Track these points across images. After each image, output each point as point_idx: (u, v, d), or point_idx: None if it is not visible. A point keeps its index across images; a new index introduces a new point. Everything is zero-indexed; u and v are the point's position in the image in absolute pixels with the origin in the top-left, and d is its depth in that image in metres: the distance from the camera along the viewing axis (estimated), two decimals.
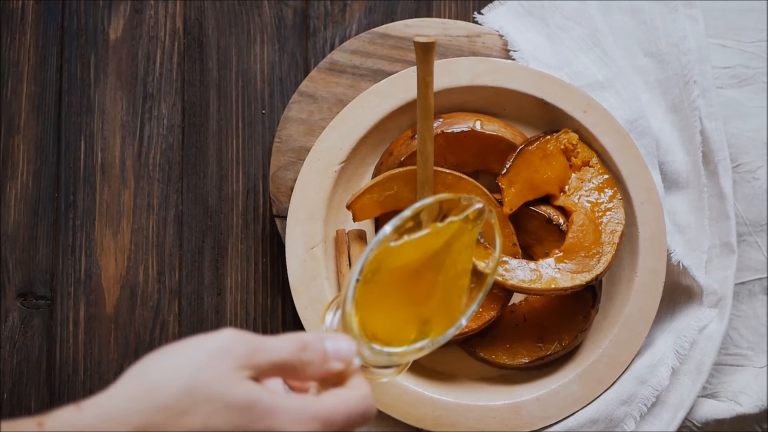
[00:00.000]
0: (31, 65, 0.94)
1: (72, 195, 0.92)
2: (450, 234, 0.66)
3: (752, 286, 0.92)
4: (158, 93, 0.94)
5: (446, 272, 0.66)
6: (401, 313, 0.65)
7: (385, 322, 0.63)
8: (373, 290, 0.63)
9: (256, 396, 0.55)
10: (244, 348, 0.57)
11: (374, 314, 0.62)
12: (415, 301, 0.65)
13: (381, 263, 0.63)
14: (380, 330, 0.62)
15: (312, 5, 0.95)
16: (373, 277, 0.63)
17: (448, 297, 0.66)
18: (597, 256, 0.85)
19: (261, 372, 0.57)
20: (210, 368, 0.55)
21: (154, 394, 0.54)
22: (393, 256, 0.64)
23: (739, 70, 0.94)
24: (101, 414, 0.54)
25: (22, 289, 0.92)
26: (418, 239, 0.65)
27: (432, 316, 0.65)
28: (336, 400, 0.58)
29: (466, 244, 0.66)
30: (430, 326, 0.65)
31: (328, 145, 0.88)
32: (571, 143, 0.87)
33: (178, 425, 0.54)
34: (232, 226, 0.93)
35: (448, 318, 0.65)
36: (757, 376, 0.90)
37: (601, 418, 0.86)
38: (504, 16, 0.93)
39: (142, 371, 0.56)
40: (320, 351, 0.59)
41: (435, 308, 0.65)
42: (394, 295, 0.64)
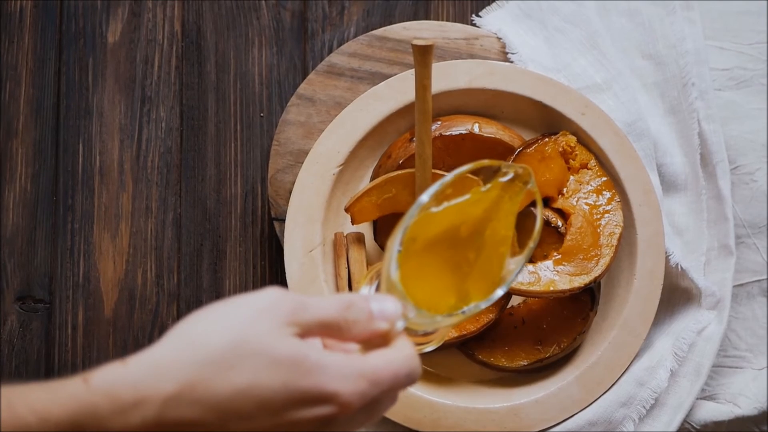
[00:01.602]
0: (29, 69, 0.94)
1: (70, 198, 0.92)
2: (490, 200, 0.65)
3: (751, 288, 0.92)
4: (156, 96, 0.94)
5: (486, 239, 0.64)
6: (440, 280, 0.64)
7: (424, 290, 0.62)
8: (411, 258, 0.62)
9: (303, 352, 0.55)
10: (290, 305, 0.56)
11: (412, 282, 0.61)
12: (454, 268, 0.64)
13: (420, 230, 0.62)
14: (419, 297, 0.61)
15: (310, 8, 0.95)
16: (412, 244, 0.62)
17: (488, 264, 0.65)
18: (595, 258, 0.85)
19: (306, 329, 0.57)
20: (257, 324, 0.55)
21: (201, 350, 0.54)
22: (432, 223, 0.63)
23: (737, 72, 0.94)
24: (147, 368, 0.54)
25: (21, 293, 0.92)
26: (458, 205, 0.64)
27: (471, 283, 0.64)
28: (382, 360, 0.57)
29: (507, 211, 0.65)
30: (468, 293, 0.64)
31: (326, 148, 0.88)
32: (569, 145, 0.87)
33: (225, 380, 0.54)
34: (230, 229, 0.93)
35: (487, 285, 0.64)
36: (756, 378, 0.90)
37: (600, 420, 0.86)
38: (502, 18, 0.93)
39: (187, 328, 0.56)
40: (366, 310, 0.59)
41: (474, 275, 0.64)
42: (432, 262, 0.64)
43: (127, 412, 0.53)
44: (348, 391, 0.55)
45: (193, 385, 0.53)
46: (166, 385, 0.53)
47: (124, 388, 0.53)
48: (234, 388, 0.54)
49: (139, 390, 0.53)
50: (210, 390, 0.53)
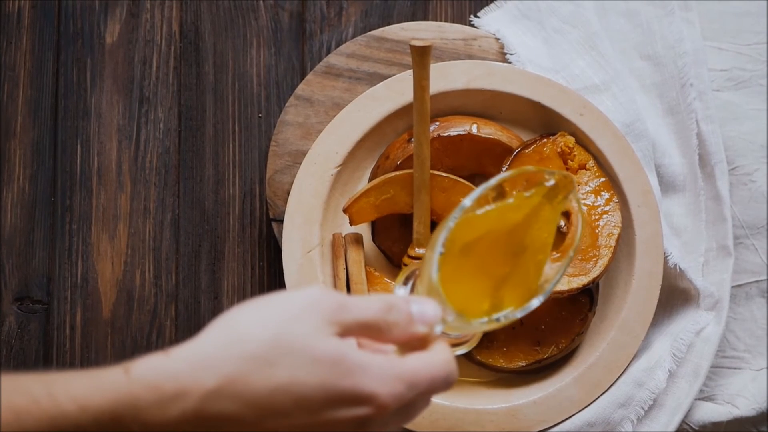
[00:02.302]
0: (28, 69, 0.94)
1: (68, 199, 0.92)
2: (531, 207, 0.65)
3: (749, 289, 0.92)
4: (155, 97, 0.94)
5: (525, 246, 0.64)
6: (476, 284, 0.64)
7: (460, 293, 0.62)
8: (449, 261, 0.62)
9: (343, 351, 0.55)
10: (331, 304, 0.57)
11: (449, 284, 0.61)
12: (491, 272, 0.64)
13: (459, 234, 0.62)
14: (454, 300, 0.61)
15: (308, 9, 0.95)
16: (452, 246, 0.62)
17: (525, 271, 0.64)
18: (594, 259, 0.85)
19: (347, 329, 0.57)
20: (298, 321, 0.55)
21: (243, 344, 0.54)
22: (471, 227, 0.63)
23: (736, 72, 0.94)
24: (190, 361, 0.54)
25: (19, 294, 0.92)
26: (499, 210, 0.64)
27: (507, 290, 0.64)
28: (420, 363, 0.58)
29: (548, 218, 0.65)
30: (503, 299, 0.64)
31: (324, 148, 0.88)
32: (567, 146, 0.87)
33: (266, 376, 0.54)
34: (228, 230, 0.93)
35: (523, 292, 0.64)
36: (755, 378, 0.90)
37: (598, 421, 0.86)
38: (500, 19, 0.93)
39: (230, 322, 0.56)
40: (406, 312, 0.59)
41: (510, 282, 0.64)
42: (470, 265, 0.63)
43: (166, 404, 0.53)
44: (385, 393, 0.55)
45: (234, 380, 0.54)
46: (207, 379, 0.54)
47: (165, 379, 0.53)
48: (273, 385, 0.54)
49: (180, 382, 0.53)
50: (250, 386, 0.54)
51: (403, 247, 0.88)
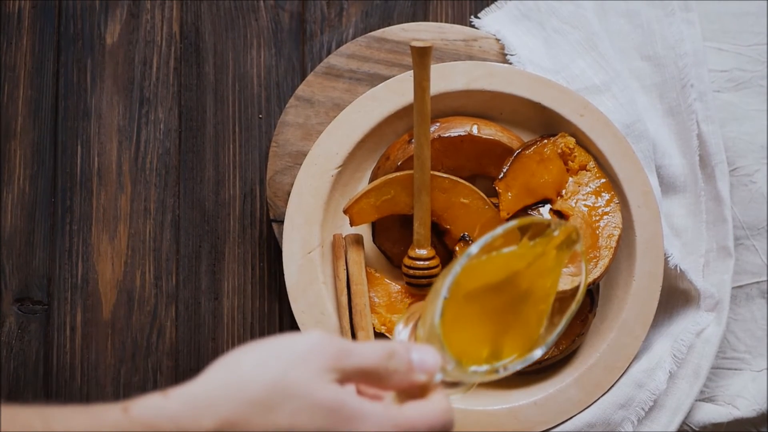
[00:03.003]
0: (28, 70, 0.94)
1: (69, 200, 0.92)
2: (536, 256, 0.65)
3: (750, 290, 0.92)
4: (155, 97, 0.94)
5: (527, 295, 0.65)
6: (477, 330, 0.64)
7: (460, 338, 0.63)
8: (452, 306, 0.62)
9: (342, 399, 0.55)
10: (332, 350, 0.57)
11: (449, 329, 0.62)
12: (492, 319, 0.64)
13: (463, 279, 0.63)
14: (453, 345, 0.62)
15: (308, 9, 0.95)
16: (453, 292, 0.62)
17: (526, 320, 0.65)
18: (594, 260, 0.85)
19: (347, 376, 0.57)
20: (299, 367, 0.55)
21: (243, 388, 0.54)
22: (476, 273, 0.64)
23: (736, 73, 0.94)
24: (189, 403, 0.54)
25: (19, 294, 0.92)
26: (504, 257, 0.64)
27: (507, 338, 0.64)
28: (418, 412, 0.58)
29: (551, 268, 0.66)
30: (503, 347, 0.64)
31: (324, 149, 0.88)
32: (567, 147, 0.87)
33: (265, 420, 0.54)
34: (229, 231, 0.93)
35: (523, 341, 0.64)
36: (755, 379, 0.90)
37: (599, 422, 0.86)
38: (501, 20, 0.93)
39: (231, 365, 0.56)
40: (406, 360, 0.59)
41: (511, 330, 0.64)
42: (472, 311, 0.64)
43: None
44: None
45: (233, 423, 0.54)
46: (206, 422, 0.54)
47: (164, 421, 0.53)
48: (272, 430, 0.54)
49: (179, 425, 0.53)
50: (249, 429, 0.54)
51: (403, 248, 0.88)
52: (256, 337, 0.92)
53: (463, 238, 0.85)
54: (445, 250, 0.88)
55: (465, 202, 0.86)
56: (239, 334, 0.92)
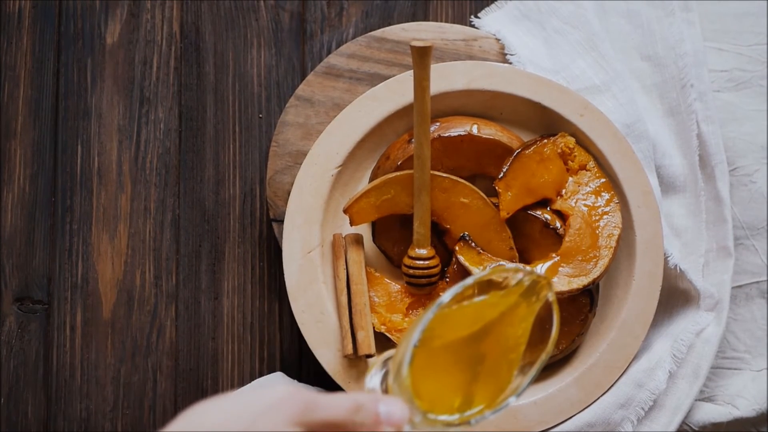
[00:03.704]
0: (28, 69, 0.94)
1: (69, 199, 0.92)
2: (507, 305, 0.65)
3: (749, 290, 0.92)
4: (155, 97, 0.94)
5: (498, 344, 0.65)
6: (447, 380, 0.64)
7: (430, 387, 0.63)
8: (422, 354, 0.62)
9: None
10: (299, 404, 0.57)
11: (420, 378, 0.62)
12: (463, 368, 0.64)
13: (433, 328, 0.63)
14: (424, 394, 0.62)
15: (309, 9, 0.95)
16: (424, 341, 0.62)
17: (497, 369, 0.65)
18: (594, 259, 0.85)
19: (312, 429, 0.57)
20: (265, 420, 0.55)
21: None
22: (447, 322, 0.64)
23: (736, 73, 0.94)
24: None
25: (19, 294, 0.92)
26: (475, 306, 0.65)
27: (478, 386, 0.64)
28: None
29: (522, 317, 0.66)
30: (474, 396, 0.64)
31: (324, 149, 0.88)
32: (567, 147, 0.87)
33: None
34: (229, 230, 0.93)
35: (494, 390, 0.65)
36: (755, 379, 0.90)
37: (599, 421, 0.86)
38: (501, 20, 0.93)
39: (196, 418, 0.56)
40: (373, 413, 0.59)
41: (482, 379, 0.65)
42: (442, 361, 0.64)
43: None
44: None
45: None
46: None
47: None
48: None
49: None
50: None
51: (403, 247, 0.88)
52: (256, 336, 0.92)
53: (463, 237, 0.85)
54: (445, 249, 0.88)
55: (465, 202, 0.86)
56: (239, 333, 0.92)
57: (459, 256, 0.84)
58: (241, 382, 0.91)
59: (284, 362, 0.92)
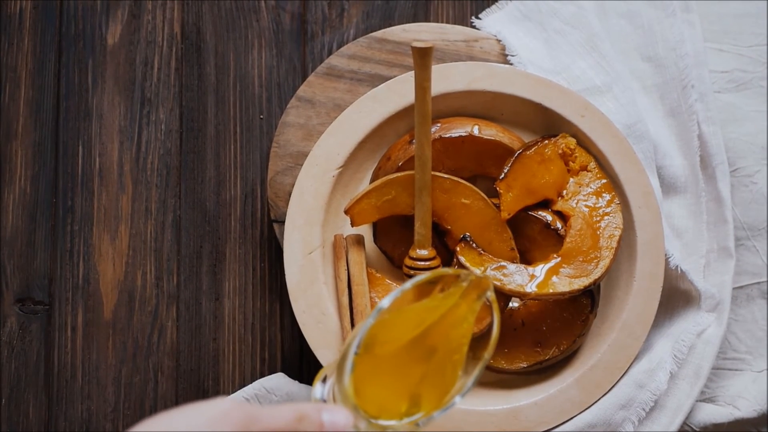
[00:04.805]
0: (29, 70, 0.94)
1: (70, 200, 0.92)
2: (447, 307, 0.66)
3: (750, 291, 0.92)
4: (156, 98, 0.94)
5: (441, 346, 0.65)
6: (393, 384, 0.65)
7: (376, 393, 0.63)
8: (366, 360, 0.63)
9: None
10: (241, 416, 0.57)
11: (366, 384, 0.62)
12: (407, 373, 0.65)
13: (376, 333, 0.63)
14: (370, 400, 0.62)
15: (309, 10, 0.95)
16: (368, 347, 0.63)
17: (441, 371, 0.65)
18: (595, 260, 0.85)
19: None
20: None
21: None
22: (389, 327, 0.64)
23: (737, 74, 0.94)
24: None
25: (20, 295, 0.92)
26: (415, 310, 0.65)
27: (423, 390, 0.65)
28: None
29: (463, 318, 0.66)
30: (420, 399, 0.65)
31: (325, 150, 0.88)
32: (568, 148, 0.87)
33: None
34: (230, 231, 0.93)
35: (439, 392, 0.65)
36: (756, 380, 0.90)
37: (600, 422, 0.86)
38: (501, 20, 0.93)
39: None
40: (317, 422, 0.59)
41: (427, 381, 0.65)
42: (386, 366, 0.64)
43: None
44: None
45: None
46: None
47: None
48: None
49: None
50: None
51: (404, 248, 0.88)
52: (257, 337, 0.92)
53: (464, 238, 0.85)
54: (446, 250, 0.88)
55: (466, 203, 0.86)
56: (240, 334, 0.92)
57: (460, 256, 0.84)
58: (242, 382, 0.91)
59: (285, 363, 0.92)
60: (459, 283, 0.67)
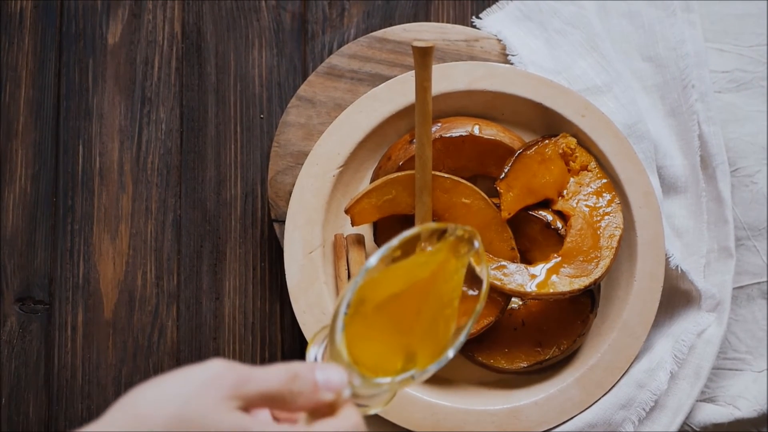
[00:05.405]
0: (30, 70, 0.94)
1: (70, 199, 0.92)
2: (437, 263, 0.65)
3: (750, 291, 0.92)
4: (156, 97, 0.94)
5: (432, 301, 0.65)
6: (387, 342, 0.64)
7: (371, 352, 0.63)
8: (358, 320, 0.62)
9: (244, 426, 0.55)
10: (233, 378, 0.56)
11: (359, 344, 0.62)
12: (400, 330, 0.64)
13: (367, 292, 0.63)
14: (365, 360, 0.62)
15: (310, 9, 0.95)
16: (359, 307, 0.62)
17: (434, 326, 0.65)
18: (595, 260, 0.85)
19: (250, 402, 0.57)
20: (199, 398, 0.55)
21: (143, 425, 0.54)
22: (379, 285, 0.64)
23: (737, 74, 0.94)
24: None
25: (21, 294, 0.92)
26: (404, 267, 0.65)
27: (418, 346, 0.64)
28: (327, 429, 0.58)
29: (453, 272, 0.66)
30: (415, 356, 0.64)
31: (326, 149, 0.88)
32: (569, 147, 0.87)
33: None
34: (230, 231, 0.93)
35: (434, 347, 0.65)
36: (756, 380, 0.90)
37: (600, 422, 0.86)
38: (502, 20, 0.93)
39: (131, 402, 0.56)
40: (311, 381, 0.59)
41: (421, 338, 0.65)
42: (379, 324, 0.64)
43: None
44: None
45: None
46: None
47: None
48: None
49: None
50: None
51: None
52: (257, 337, 0.92)
53: None
54: None
55: (466, 203, 0.86)
56: (240, 334, 0.92)
57: None
58: None
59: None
60: (447, 238, 0.66)
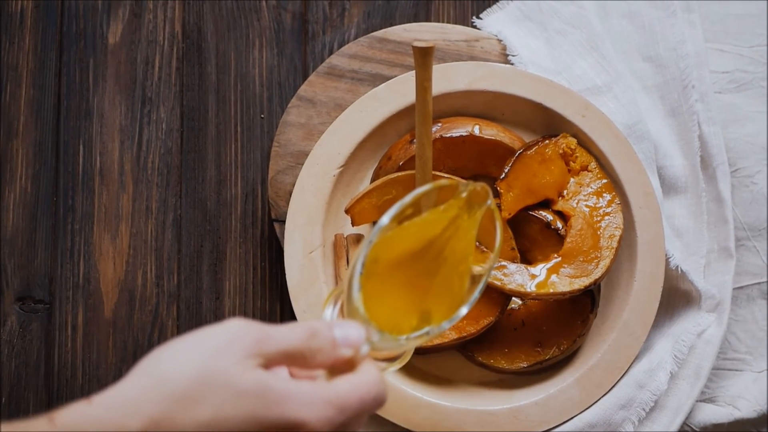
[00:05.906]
0: (30, 69, 0.94)
1: (71, 199, 0.93)
2: (449, 219, 0.65)
3: (751, 291, 0.92)
4: (157, 97, 0.94)
5: (446, 258, 0.65)
6: (402, 301, 0.64)
7: (386, 311, 0.63)
8: (373, 279, 0.62)
9: (266, 383, 0.55)
10: (252, 336, 0.56)
11: (374, 303, 0.62)
12: (415, 288, 0.64)
13: (380, 251, 0.63)
14: (381, 319, 0.61)
15: (310, 9, 0.95)
16: (373, 266, 0.62)
17: (448, 283, 0.65)
18: (595, 260, 0.85)
19: (270, 360, 0.57)
20: (219, 357, 0.55)
21: (165, 385, 0.54)
22: (392, 244, 0.64)
23: (737, 74, 0.94)
24: (113, 407, 0.54)
25: (21, 293, 0.92)
26: (417, 225, 0.65)
27: (433, 303, 0.64)
28: (348, 385, 0.58)
29: (466, 229, 0.66)
30: (430, 313, 0.64)
31: (326, 149, 0.88)
32: (569, 148, 0.87)
33: (190, 415, 0.54)
34: (230, 231, 0.93)
35: (449, 304, 0.65)
36: (756, 380, 0.90)
37: (600, 422, 0.86)
38: (502, 20, 0.93)
39: (152, 363, 0.56)
40: (329, 338, 0.59)
41: (436, 295, 0.65)
42: (394, 283, 0.64)
43: None
44: (315, 419, 0.55)
45: (158, 421, 0.53)
46: (132, 423, 0.53)
47: (90, 426, 0.53)
48: (199, 423, 0.54)
49: (105, 428, 0.53)
50: (176, 425, 0.53)
51: None
52: None
53: None
54: None
55: None
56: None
57: None
58: None
59: None
60: (459, 195, 0.66)
